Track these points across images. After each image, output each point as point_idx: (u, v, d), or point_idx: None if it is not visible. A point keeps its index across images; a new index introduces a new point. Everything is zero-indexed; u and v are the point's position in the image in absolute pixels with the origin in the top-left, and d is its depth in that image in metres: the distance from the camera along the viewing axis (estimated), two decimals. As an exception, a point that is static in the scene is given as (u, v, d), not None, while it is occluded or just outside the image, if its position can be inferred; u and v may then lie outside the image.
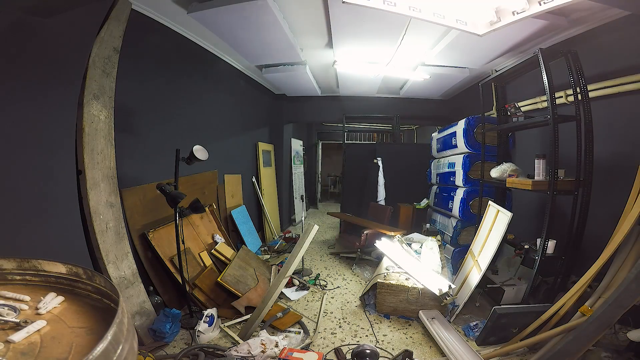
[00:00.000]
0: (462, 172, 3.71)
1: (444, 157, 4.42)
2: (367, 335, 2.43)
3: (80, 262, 0.94)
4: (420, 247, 3.52)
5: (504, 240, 2.82)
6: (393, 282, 2.70)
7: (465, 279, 2.82)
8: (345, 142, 5.87)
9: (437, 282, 2.56)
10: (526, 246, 2.67)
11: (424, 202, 4.89)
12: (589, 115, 2.33)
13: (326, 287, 3.36)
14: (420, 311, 2.57)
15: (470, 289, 2.60)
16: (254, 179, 4.78)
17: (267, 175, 5.27)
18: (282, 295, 3.04)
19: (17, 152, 1.58)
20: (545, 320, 2.07)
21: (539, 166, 2.53)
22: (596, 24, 2.45)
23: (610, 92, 2.35)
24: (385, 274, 2.84)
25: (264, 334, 2.19)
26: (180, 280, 2.48)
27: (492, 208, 2.94)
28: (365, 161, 5.32)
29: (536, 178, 2.54)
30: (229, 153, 3.98)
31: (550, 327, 2.04)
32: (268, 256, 4.19)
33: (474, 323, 2.45)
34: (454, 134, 3.92)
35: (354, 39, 3.03)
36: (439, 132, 4.62)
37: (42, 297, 0.85)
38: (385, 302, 2.70)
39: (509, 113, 2.97)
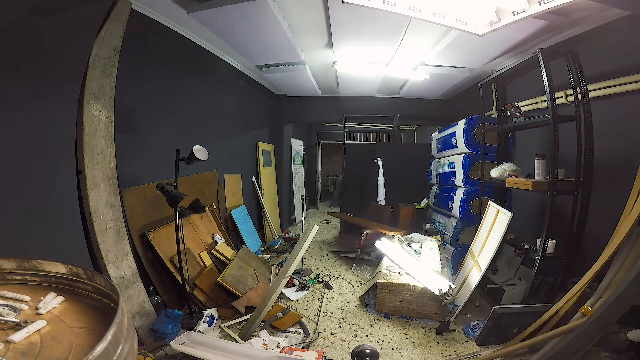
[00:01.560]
0: (462, 172, 3.71)
1: (444, 157, 4.42)
2: (367, 335, 2.43)
3: (80, 262, 0.94)
4: (420, 247, 3.52)
5: (504, 240, 2.82)
6: (393, 282, 2.70)
7: (465, 279, 2.82)
8: (345, 142, 5.86)
9: (437, 282, 2.56)
10: (526, 246, 2.67)
11: (424, 202, 4.88)
12: (589, 115, 2.33)
13: (330, 281, 3.46)
14: None
15: (470, 289, 2.60)
16: (254, 179, 4.78)
17: (267, 175, 5.26)
18: (282, 295, 3.04)
19: (17, 152, 1.58)
20: (545, 320, 2.07)
21: (539, 166, 2.53)
22: (596, 24, 2.45)
23: (610, 92, 2.35)
24: (385, 274, 2.84)
25: (264, 334, 2.19)
26: (180, 280, 2.48)
27: (492, 208, 2.94)
28: (365, 161, 5.32)
29: (536, 178, 2.54)
30: (229, 153, 3.98)
31: (550, 327, 2.03)
32: (268, 256, 4.19)
33: (474, 323, 2.45)
34: (454, 134, 3.92)
35: (354, 39, 3.03)
36: (439, 132, 4.62)
37: (42, 297, 0.85)
38: (385, 302, 2.70)
39: (509, 113, 2.97)
